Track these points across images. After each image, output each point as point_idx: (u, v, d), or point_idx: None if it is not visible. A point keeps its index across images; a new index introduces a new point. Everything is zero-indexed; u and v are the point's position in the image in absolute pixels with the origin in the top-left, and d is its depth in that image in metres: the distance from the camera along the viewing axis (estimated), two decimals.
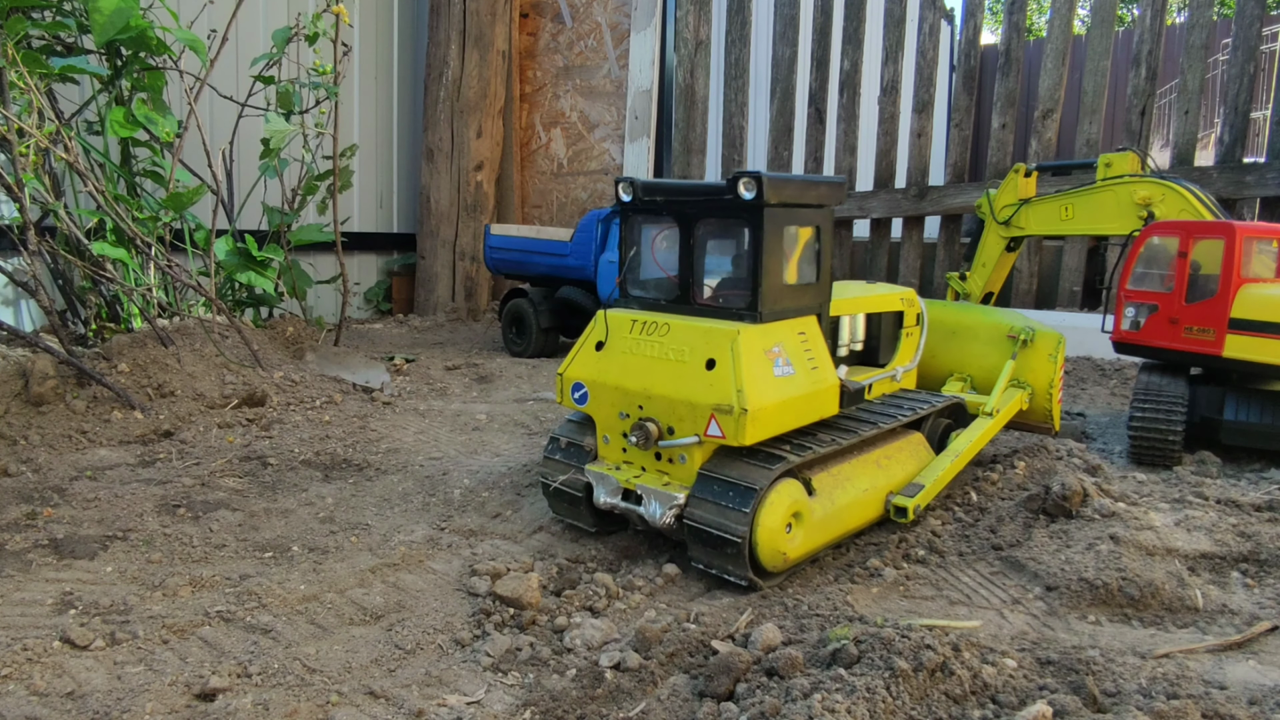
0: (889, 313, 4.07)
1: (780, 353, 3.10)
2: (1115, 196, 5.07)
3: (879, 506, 3.43)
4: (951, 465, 3.67)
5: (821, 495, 3.18)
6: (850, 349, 3.97)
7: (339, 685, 2.43)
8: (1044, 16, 22.71)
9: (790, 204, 3.12)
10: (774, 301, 3.14)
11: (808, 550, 3.17)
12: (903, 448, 3.66)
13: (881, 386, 3.96)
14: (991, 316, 4.40)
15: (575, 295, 7.70)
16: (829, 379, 3.25)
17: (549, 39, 10.46)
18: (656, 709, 2.27)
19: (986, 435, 3.95)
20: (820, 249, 3.34)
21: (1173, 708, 2.11)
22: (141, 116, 5.91)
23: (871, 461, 3.46)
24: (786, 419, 3.08)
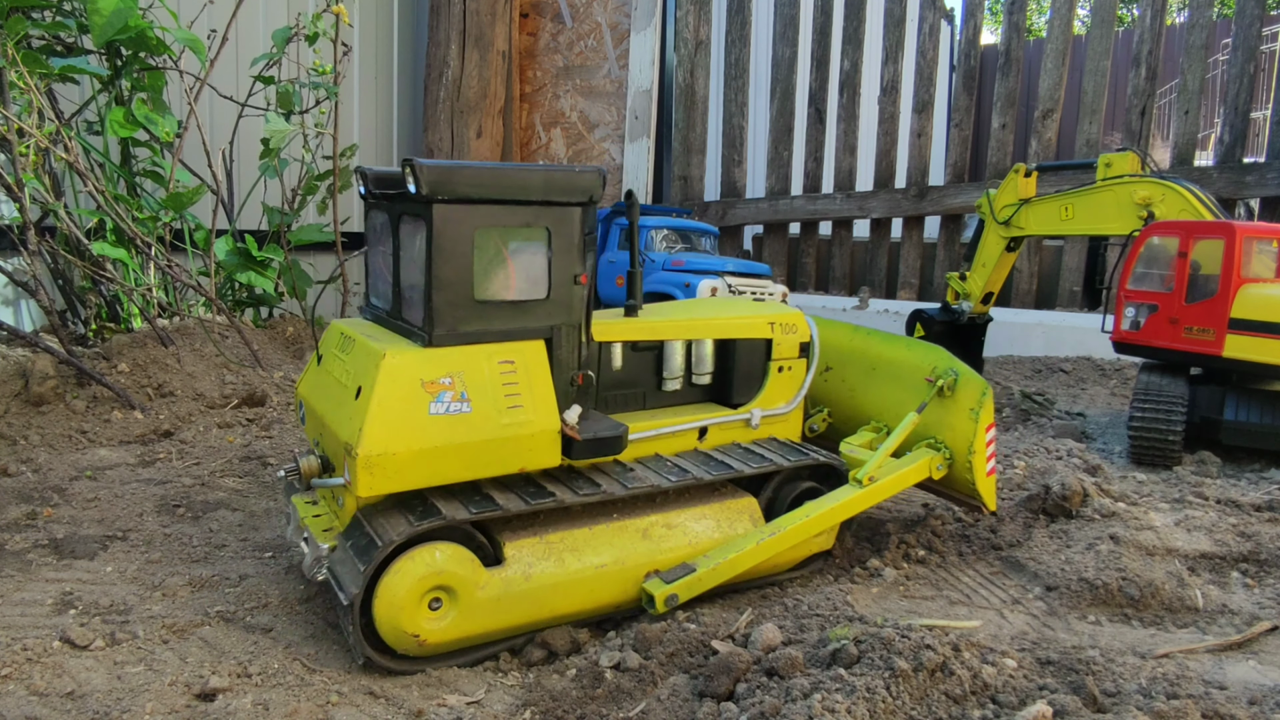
0: (747, 340, 3.32)
1: (451, 385, 2.54)
2: (1115, 196, 5.07)
3: (629, 586, 2.76)
4: (753, 550, 2.86)
5: (514, 567, 2.60)
6: (690, 382, 3.30)
7: (339, 685, 2.43)
8: (1044, 16, 22.72)
9: (477, 200, 2.57)
10: (453, 321, 2.59)
11: (469, 636, 2.57)
12: (705, 515, 2.94)
13: (719, 435, 3.22)
14: (914, 351, 3.50)
15: None
16: (540, 422, 2.62)
17: (549, 39, 10.46)
18: (656, 709, 2.27)
19: (841, 511, 3.07)
20: (555, 257, 2.70)
21: (1173, 708, 2.11)
22: (141, 116, 5.91)
23: (632, 529, 2.81)
24: (447, 469, 2.53)
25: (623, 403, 3.18)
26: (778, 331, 3.37)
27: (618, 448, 2.76)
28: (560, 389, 2.75)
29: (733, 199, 9.88)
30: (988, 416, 3.18)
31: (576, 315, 2.78)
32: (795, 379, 3.45)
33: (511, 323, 2.67)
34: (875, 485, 3.11)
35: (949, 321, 6.27)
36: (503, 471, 2.62)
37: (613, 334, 3.06)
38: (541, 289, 2.71)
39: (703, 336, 3.25)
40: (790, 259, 9.96)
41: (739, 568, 2.85)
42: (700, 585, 2.78)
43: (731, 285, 6.64)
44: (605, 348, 3.07)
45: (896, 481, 3.19)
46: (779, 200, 9.62)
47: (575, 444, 2.67)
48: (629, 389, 3.18)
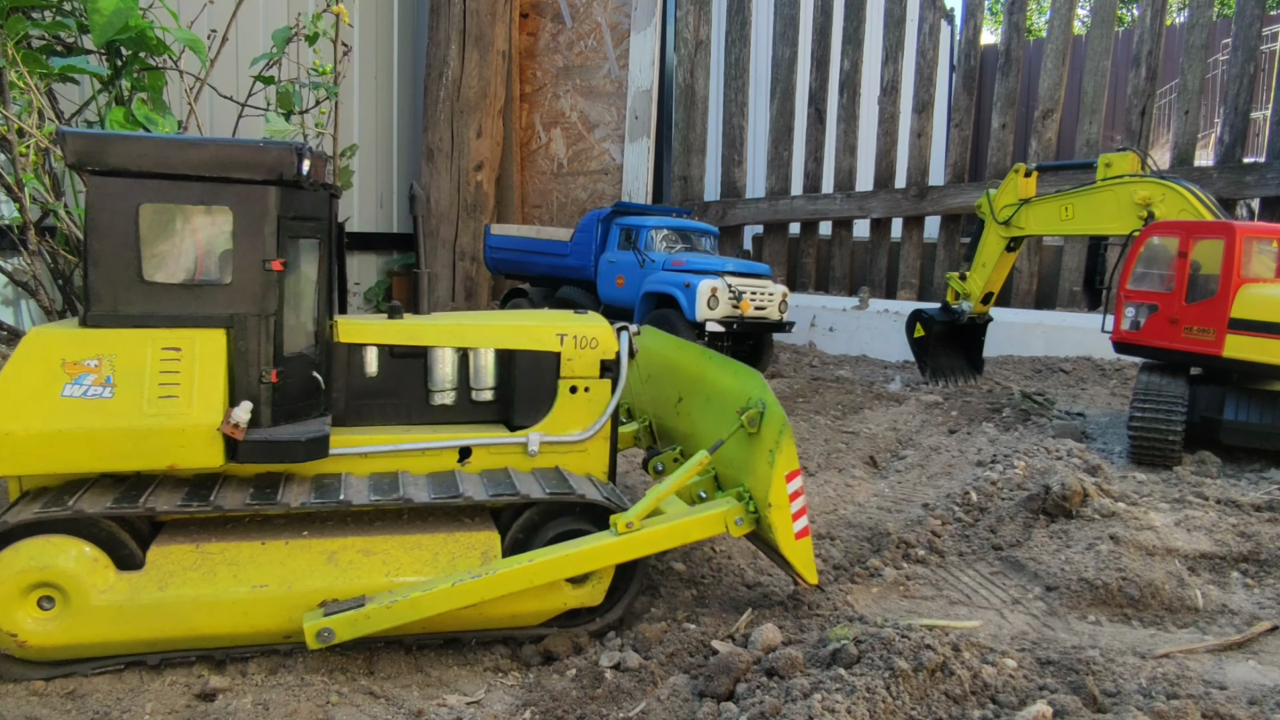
0: (528, 352, 2.92)
1: (97, 368, 2.36)
2: (1115, 196, 5.07)
3: (295, 614, 2.47)
4: (444, 592, 2.48)
5: (150, 574, 2.39)
6: (471, 399, 2.94)
7: (339, 685, 2.43)
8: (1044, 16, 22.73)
9: (138, 173, 2.37)
10: (113, 301, 2.41)
11: (82, 644, 2.37)
12: (420, 545, 2.60)
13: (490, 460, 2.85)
14: (737, 378, 2.91)
15: (575, 295, 7.69)
16: (195, 417, 2.40)
17: (549, 39, 10.46)
18: (656, 709, 2.27)
19: (581, 560, 2.61)
20: (239, 239, 2.45)
21: (1173, 708, 2.11)
22: (141, 116, 5.90)
23: (316, 551, 2.52)
24: (78, 456, 2.35)
25: (381, 416, 2.88)
26: (569, 345, 2.93)
27: (296, 455, 2.48)
28: (244, 385, 2.48)
29: (733, 199, 9.88)
30: (788, 461, 2.61)
31: (267, 305, 2.49)
32: (595, 403, 2.95)
33: (186, 308, 2.45)
34: (636, 535, 2.64)
35: (949, 321, 6.27)
36: (149, 466, 2.42)
37: (363, 336, 2.80)
38: (223, 274, 2.46)
39: (472, 345, 2.89)
40: (790, 259, 9.96)
41: (422, 610, 2.46)
42: (368, 624, 2.42)
43: (731, 285, 6.64)
44: (355, 351, 2.80)
45: (670, 534, 2.69)
46: (779, 200, 9.62)
47: (239, 445, 2.43)
48: (390, 401, 2.88)
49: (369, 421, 2.86)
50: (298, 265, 2.60)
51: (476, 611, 2.57)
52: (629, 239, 7.24)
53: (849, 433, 5.21)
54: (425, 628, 2.57)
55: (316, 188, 2.60)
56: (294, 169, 2.45)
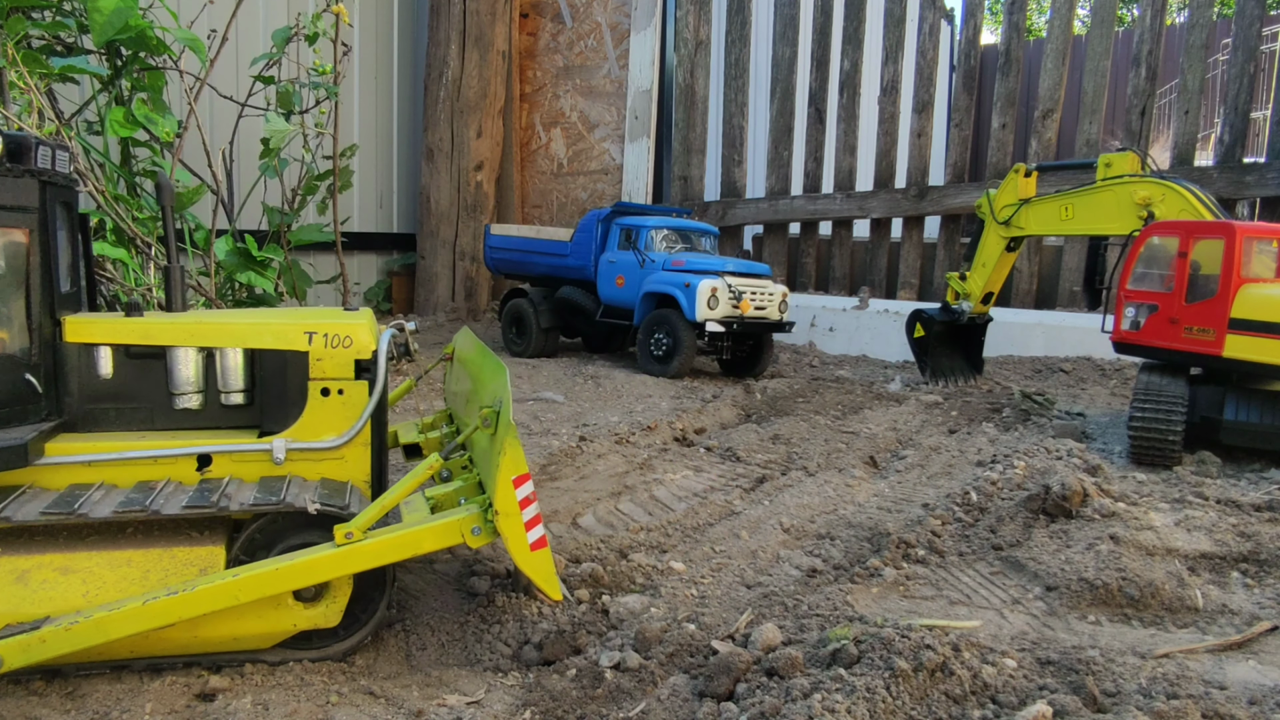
0: (272, 351, 2.71)
1: None
2: (1115, 196, 5.07)
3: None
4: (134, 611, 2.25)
5: None
6: (221, 404, 2.75)
7: (339, 685, 2.43)
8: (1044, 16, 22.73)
9: None
10: None
11: None
12: (130, 561, 2.38)
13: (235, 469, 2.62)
14: (485, 371, 2.82)
15: (575, 295, 7.70)
16: None
17: (549, 39, 10.46)
18: (656, 709, 2.27)
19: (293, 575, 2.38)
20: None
21: (1173, 708, 2.11)
22: (141, 116, 5.91)
23: (5, 568, 2.30)
24: None
25: (120, 421, 2.70)
26: (319, 343, 2.69)
27: None
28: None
29: (733, 199, 9.88)
30: (514, 465, 2.40)
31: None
32: (351, 407, 2.72)
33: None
34: (359, 546, 2.41)
35: (949, 321, 6.27)
36: None
37: (94, 335, 2.59)
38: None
39: (212, 343, 2.67)
40: (790, 259, 9.97)
41: (109, 632, 2.22)
42: (44, 649, 2.18)
43: (731, 285, 6.64)
44: (86, 351, 2.62)
45: (399, 544, 2.46)
46: (779, 200, 9.62)
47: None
48: (128, 404, 2.69)
49: (107, 427, 2.67)
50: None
51: (189, 634, 2.36)
52: (629, 239, 7.24)
53: (849, 433, 5.22)
54: (131, 651, 2.38)
55: (18, 174, 2.41)
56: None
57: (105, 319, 2.63)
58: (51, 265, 2.53)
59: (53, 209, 2.52)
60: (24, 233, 2.44)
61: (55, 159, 2.52)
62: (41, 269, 2.49)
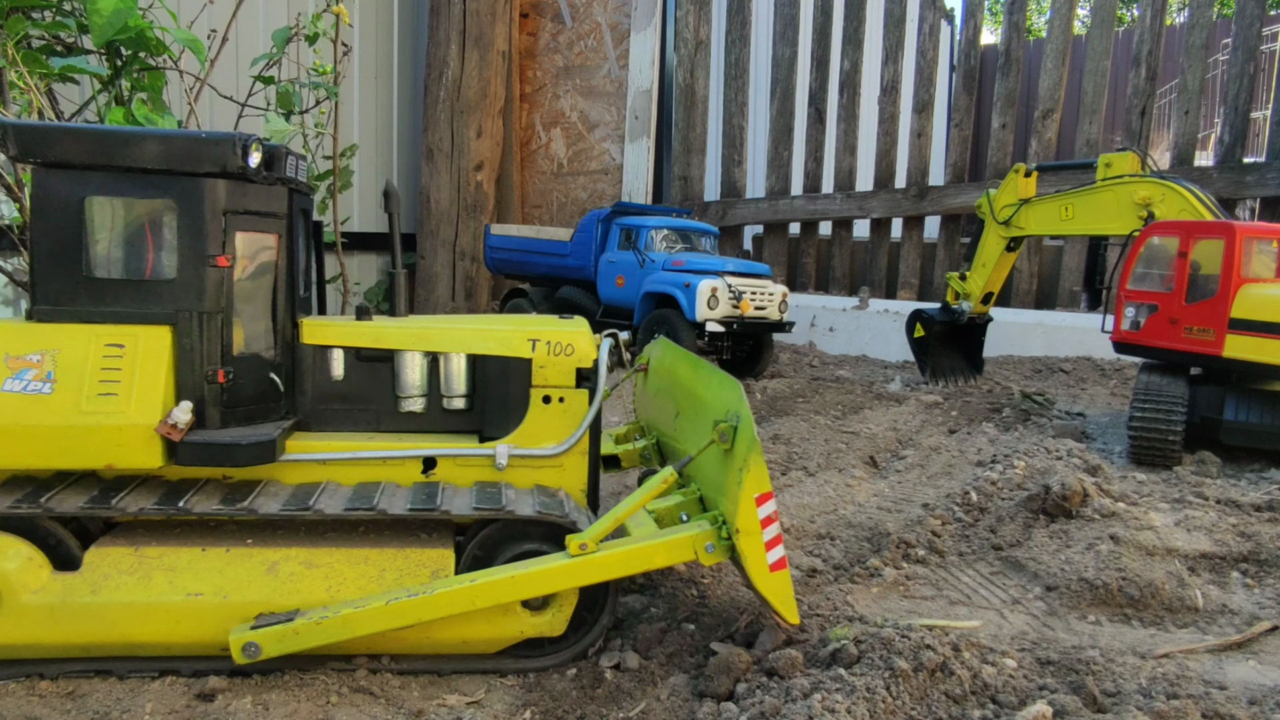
0: (497, 358, 2.77)
1: (39, 363, 2.33)
2: (1115, 196, 5.07)
3: (229, 625, 2.36)
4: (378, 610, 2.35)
5: (85, 576, 2.33)
6: (443, 407, 2.82)
7: (339, 685, 2.43)
8: (1044, 16, 22.73)
9: (82, 165, 2.33)
10: (57, 297, 2.40)
11: (20, 645, 2.33)
12: (368, 560, 2.48)
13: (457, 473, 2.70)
14: (711, 384, 2.69)
15: (575, 295, 7.69)
16: (134, 416, 2.33)
17: (549, 39, 10.46)
18: (656, 709, 2.27)
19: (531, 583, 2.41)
20: (183, 234, 2.39)
21: (1173, 708, 2.11)
22: (141, 116, 5.90)
23: (257, 560, 2.43)
24: (14, 452, 2.32)
25: (349, 422, 2.78)
26: (542, 351, 2.74)
27: (238, 459, 2.39)
28: (188, 384, 2.41)
29: (733, 199, 9.88)
30: (757, 482, 2.34)
31: (213, 302, 2.42)
32: (572, 414, 2.75)
33: (131, 304, 2.39)
34: (591, 558, 2.42)
35: (949, 321, 6.27)
36: (86, 465, 2.35)
37: (328, 337, 2.70)
38: (167, 270, 2.40)
39: (438, 349, 2.75)
40: (790, 259, 9.96)
41: (354, 629, 2.34)
42: (296, 640, 2.31)
43: (731, 285, 6.64)
44: (320, 353, 2.71)
45: (631, 558, 2.45)
46: (779, 200, 9.62)
47: (180, 446, 2.35)
48: (357, 406, 2.78)
49: (337, 427, 2.75)
50: (251, 262, 2.50)
51: (422, 634, 2.45)
52: (629, 239, 7.24)
53: (849, 433, 5.21)
54: (367, 648, 2.45)
55: (272, 181, 2.51)
56: (238, 161, 2.39)
57: (339, 322, 2.75)
58: (295, 269, 2.65)
59: (296, 215, 2.64)
60: (275, 238, 2.58)
61: (297, 167, 2.63)
62: (287, 273, 2.62)
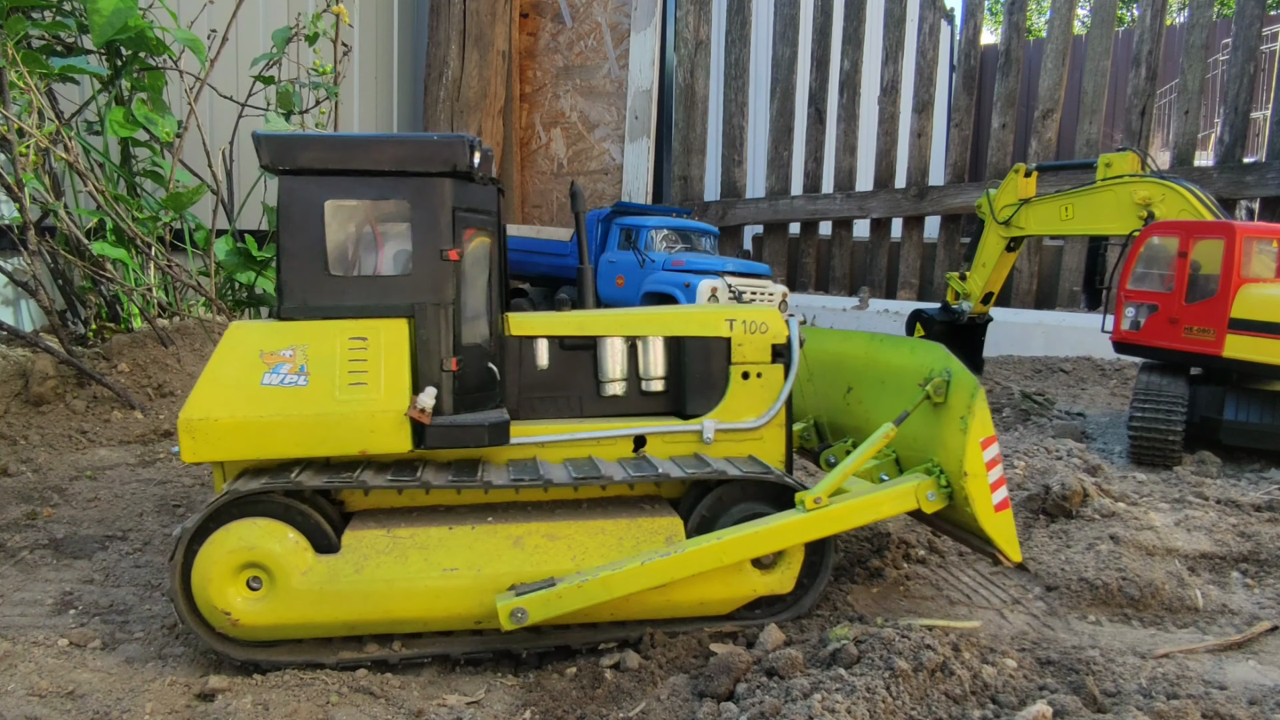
0: (698, 339, 2.90)
1: (292, 358, 2.48)
2: (1115, 196, 5.06)
3: (484, 598, 2.49)
4: (634, 571, 2.46)
5: (347, 557, 2.46)
6: (640, 390, 2.94)
7: (339, 685, 2.43)
8: (1044, 16, 22.73)
9: (324, 171, 2.49)
10: (303, 295, 2.53)
11: (287, 625, 2.45)
12: (604, 530, 2.59)
13: (665, 450, 2.81)
14: (915, 354, 2.83)
15: (575, 295, 7.70)
16: (384, 403, 2.48)
17: (549, 39, 10.46)
18: (656, 709, 2.27)
19: (771, 538, 2.55)
20: (417, 231, 2.54)
21: (1173, 708, 2.11)
22: (141, 116, 5.91)
23: (502, 535, 2.55)
24: (276, 442, 2.45)
25: (554, 408, 2.90)
26: (739, 330, 2.90)
27: (481, 439, 2.52)
28: (426, 374, 2.53)
29: (733, 199, 9.88)
30: (982, 427, 2.48)
31: (445, 294, 2.55)
32: (769, 389, 2.91)
33: (370, 299, 2.54)
34: (825, 511, 2.54)
35: (949, 321, 6.27)
36: (342, 451, 2.49)
37: (534, 328, 2.81)
38: (403, 266, 2.56)
39: (640, 333, 2.88)
40: (790, 259, 9.97)
41: (613, 590, 2.44)
42: (560, 604, 2.40)
43: (731, 285, 6.64)
44: (527, 344, 2.84)
45: (860, 509, 2.58)
46: (779, 200, 9.62)
47: (427, 430, 2.49)
48: (561, 393, 2.90)
49: (541, 415, 2.89)
50: (472, 257, 2.65)
51: (664, 598, 2.56)
52: (629, 239, 7.24)
53: None
54: (612, 614, 2.56)
55: (486, 181, 2.67)
56: (466, 161, 2.53)
57: (542, 314, 2.89)
58: (503, 265, 2.80)
59: (500, 213, 2.79)
60: (488, 234, 2.71)
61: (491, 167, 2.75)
62: (498, 268, 2.76)
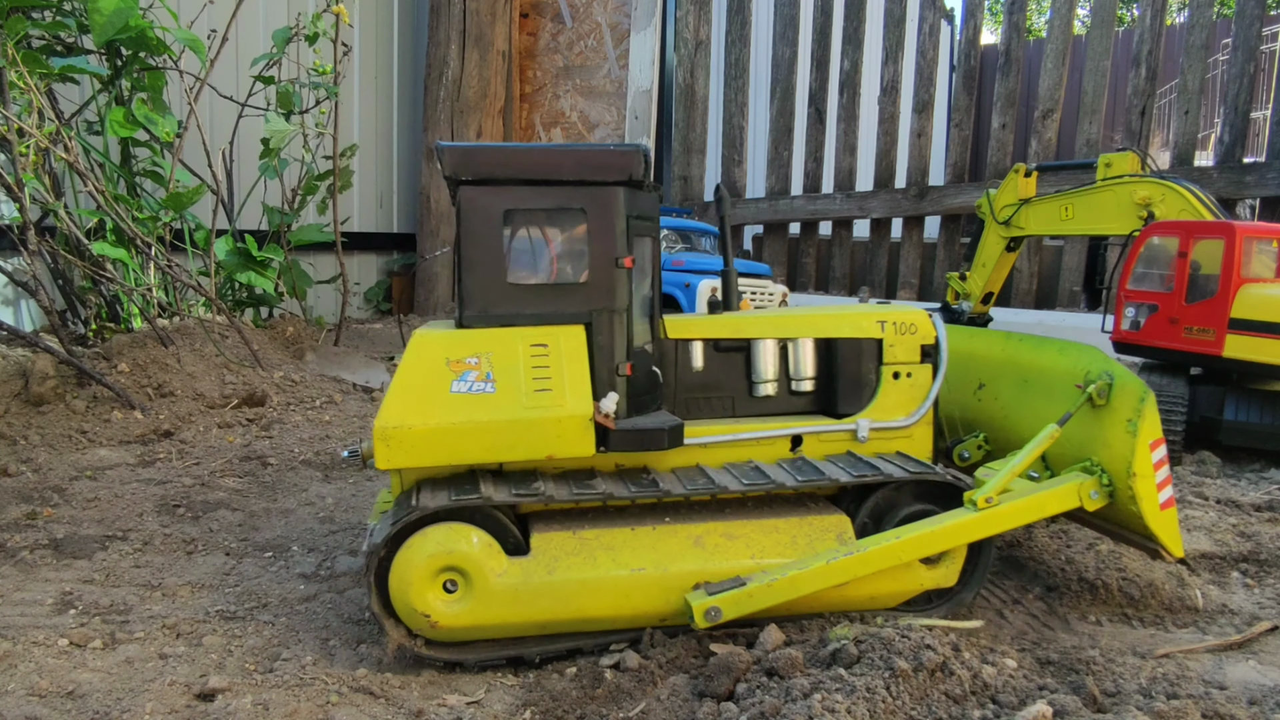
0: (851, 340, 2.96)
1: (477, 365, 2.53)
2: (1115, 196, 5.07)
3: (670, 596, 2.54)
4: (820, 569, 2.52)
5: (538, 559, 2.51)
6: (790, 390, 2.99)
7: (339, 685, 2.43)
8: (1044, 16, 22.73)
9: (504, 181, 2.53)
10: (484, 303, 2.58)
11: (483, 626, 2.52)
12: (777, 529, 2.65)
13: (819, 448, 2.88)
14: (1065, 356, 2.92)
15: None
16: (570, 408, 2.51)
17: (549, 39, 10.46)
18: (656, 709, 2.27)
19: (945, 536, 2.62)
20: (593, 240, 2.57)
21: (1173, 708, 2.10)
22: (141, 116, 5.91)
23: (683, 535, 2.60)
24: (467, 448, 2.50)
25: (707, 409, 2.95)
26: (890, 331, 2.96)
27: (661, 442, 2.57)
28: (603, 378, 2.59)
29: (733, 199, 9.89)
30: (1151, 429, 2.58)
31: (620, 301, 2.59)
32: (918, 388, 2.97)
33: (547, 306, 2.59)
34: (994, 510, 2.60)
35: (949, 321, 6.27)
36: (530, 456, 2.54)
37: (690, 331, 2.88)
38: (579, 273, 2.59)
39: (793, 335, 2.94)
40: (790, 259, 9.97)
41: (800, 588, 2.50)
42: (750, 603, 2.48)
43: None
44: (683, 347, 2.90)
45: (1027, 508, 2.64)
46: (779, 200, 9.63)
47: (610, 434, 2.53)
48: (714, 394, 2.96)
49: (695, 415, 2.92)
50: (639, 263, 2.69)
51: (838, 593, 2.62)
52: None
53: None
54: (789, 610, 2.60)
55: (651, 189, 2.70)
56: (641, 170, 2.56)
57: (697, 317, 2.95)
58: (660, 269, 2.83)
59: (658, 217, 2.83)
60: (651, 240, 2.77)
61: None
62: (659, 272, 2.81)
